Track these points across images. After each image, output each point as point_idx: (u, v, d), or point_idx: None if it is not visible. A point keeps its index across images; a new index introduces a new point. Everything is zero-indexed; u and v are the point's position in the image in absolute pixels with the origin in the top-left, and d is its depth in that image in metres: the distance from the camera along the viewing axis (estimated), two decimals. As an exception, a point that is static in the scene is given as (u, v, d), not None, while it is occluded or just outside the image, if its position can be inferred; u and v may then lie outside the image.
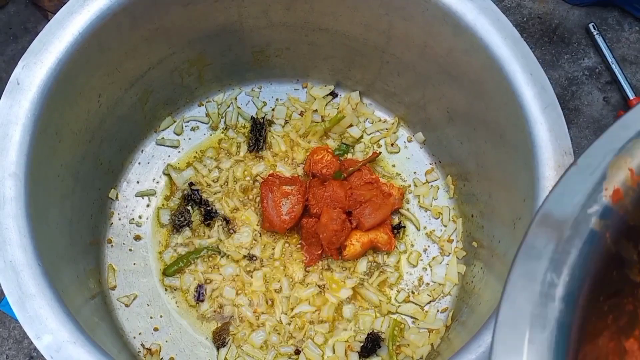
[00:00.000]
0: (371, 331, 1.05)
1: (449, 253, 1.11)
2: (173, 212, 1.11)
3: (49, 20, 1.67)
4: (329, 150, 1.12)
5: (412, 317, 1.07)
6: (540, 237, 0.57)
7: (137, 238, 1.10)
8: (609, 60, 1.70)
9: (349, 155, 1.16)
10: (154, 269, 1.09)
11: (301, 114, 1.19)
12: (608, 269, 0.60)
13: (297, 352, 1.05)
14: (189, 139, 1.17)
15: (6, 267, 0.74)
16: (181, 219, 1.10)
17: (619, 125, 0.62)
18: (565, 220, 0.57)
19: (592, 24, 1.72)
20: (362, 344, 1.05)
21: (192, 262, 1.09)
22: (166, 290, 1.08)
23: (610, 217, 0.58)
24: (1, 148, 0.79)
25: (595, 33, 1.72)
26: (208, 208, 1.11)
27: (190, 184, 1.13)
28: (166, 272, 1.08)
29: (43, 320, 0.72)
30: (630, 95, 1.66)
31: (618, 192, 0.59)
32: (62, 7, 1.66)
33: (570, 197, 0.58)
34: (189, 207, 1.11)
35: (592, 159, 0.60)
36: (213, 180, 1.14)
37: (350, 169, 1.10)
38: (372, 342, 1.05)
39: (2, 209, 0.76)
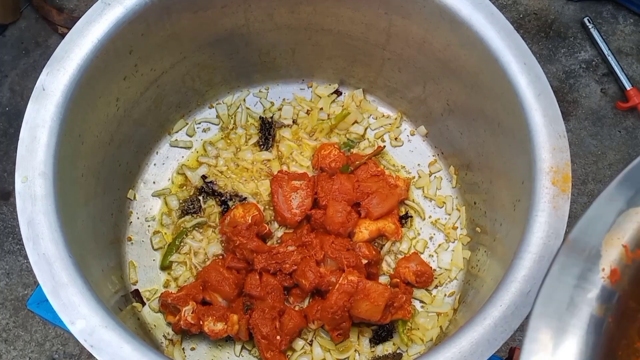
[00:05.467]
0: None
1: (454, 240, 1.16)
2: (184, 200, 1.17)
3: (59, 34, 1.73)
4: (336, 145, 1.17)
5: (420, 302, 1.12)
6: (543, 326, 0.54)
7: (156, 234, 1.15)
8: (605, 52, 1.74)
9: (355, 150, 1.21)
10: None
11: (307, 112, 1.24)
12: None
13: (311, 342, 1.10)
14: (201, 140, 1.22)
15: (40, 259, 0.79)
16: (190, 206, 1.16)
17: (605, 197, 0.58)
18: (565, 307, 0.54)
19: (587, 17, 1.77)
20: (375, 331, 1.09)
21: (182, 244, 1.13)
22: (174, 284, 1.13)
23: (610, 300, 0.55)
24: (31, 149, 0.84)
25: (590, 27, 1.76)
26: (223, 198, 1.16)
27: (204, 177, 1.18)
28: (163, 266, 1.13)
29: (76, 307, 0.77)
30: (627, 86, 1.70)
31: (615, 272, 0.56)
32: (71, 20, 1.73)
33: (567, 280, 0.55)
34: (200, 197, 1.17)
35: (584, 236, 0.57)
36: (225, 167, 1.19)
37: (357, 162, 1.15)
38: (387, 331, 1.09)
39: (34, 206, 0.81)
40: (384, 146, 1.21)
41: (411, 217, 1.17)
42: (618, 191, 0.58)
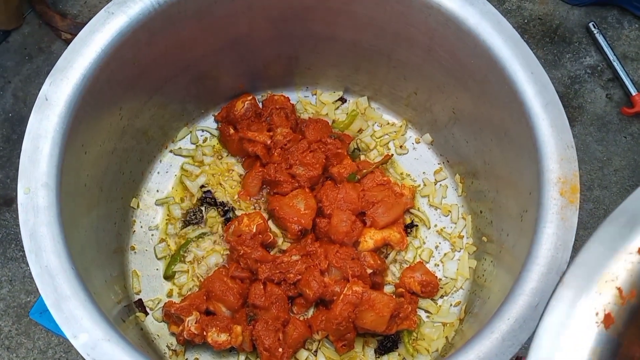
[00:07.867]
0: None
1: (460, 249, 1.14)
2: (186, 210, 1.16)
3: (63, 39, 1.73)
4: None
5: (426, 312, 1.11)
6: None
7: (160, 242, 1.15)
8: (610, 57, 1.73)
9: (363, 158, 1.20)
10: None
11: (312, 120, 1.23)
12: None
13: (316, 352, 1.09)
14: (203, 148, 1.21)
15: (42, 272, 0.78)
16: (192, 217, 1.15)
17: (596, 240, 0.58)
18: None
19: (592, 23, 1.76)
20: (380, 341, 1.08)
21: (185, 253, 1.13)
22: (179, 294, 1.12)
23: (604, 345, 0.55)
24: (33, 160, 0.83)
25: (595, 32, 1.75)
26: (225, 208, 1.15)
27: (202, 186, 1.17)
28: (166, 275, 1.12)
29: (78, 320, 0.77)
30: (633, 92, 1.69)
31: (609, 316, 0.56)
32: (75, 26, 1.72)
33: (561, 327, 0.55)
34: (202, 208, 1.16)
35: (579, 279, 0.57)
36: (223, 180, 1.18)
37: (364, 171, 1.13)
38: (392, 342, 1.08)
39: (37, 217, 0.80)
40: (392, 154, 1.20)
41: (416, 225, 1.16)
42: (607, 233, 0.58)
